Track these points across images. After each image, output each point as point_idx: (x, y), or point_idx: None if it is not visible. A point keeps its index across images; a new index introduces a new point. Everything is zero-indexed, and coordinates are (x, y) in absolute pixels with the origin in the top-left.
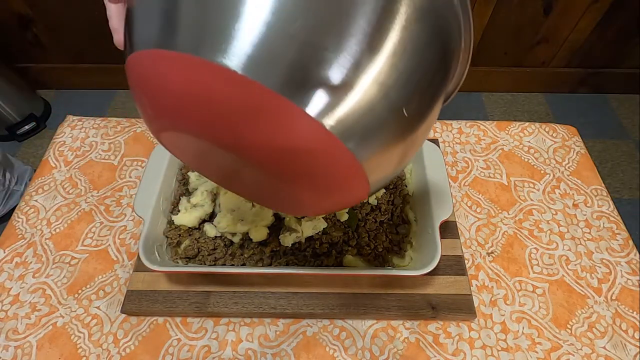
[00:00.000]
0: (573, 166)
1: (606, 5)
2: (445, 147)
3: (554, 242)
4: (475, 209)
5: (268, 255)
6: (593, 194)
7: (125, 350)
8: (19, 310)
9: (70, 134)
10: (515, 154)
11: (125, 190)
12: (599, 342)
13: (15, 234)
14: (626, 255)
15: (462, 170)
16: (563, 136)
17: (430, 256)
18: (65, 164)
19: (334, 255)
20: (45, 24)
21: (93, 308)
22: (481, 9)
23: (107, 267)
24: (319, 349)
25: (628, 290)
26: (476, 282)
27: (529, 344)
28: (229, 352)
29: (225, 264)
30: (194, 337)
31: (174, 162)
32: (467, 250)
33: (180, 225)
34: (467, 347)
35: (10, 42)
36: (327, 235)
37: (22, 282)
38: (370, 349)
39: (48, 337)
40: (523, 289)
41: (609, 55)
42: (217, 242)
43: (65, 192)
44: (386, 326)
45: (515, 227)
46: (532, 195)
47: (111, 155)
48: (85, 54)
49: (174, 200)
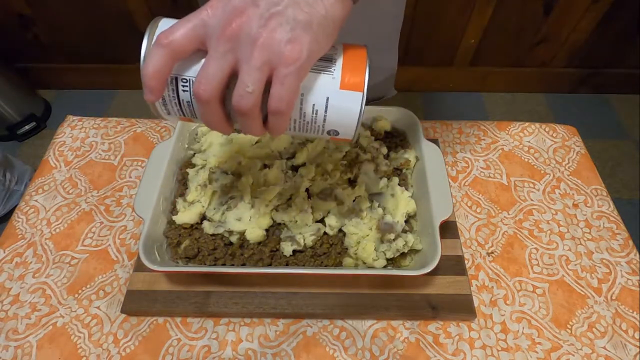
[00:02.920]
0: (573, 166)
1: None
2: (445, 147)
3: (554, 242)
4: (475, 209)
5: (268, 255)
6: (593, 194)
7: (125, 350)
8: (19, 310)
9: (70, 134)
10: (515, 154)
11: (125, 190)
12: (599, 342)
13: (15, 234)
14: (626, 255)
15: (462, 170)
16: (563, 136)
17: (430, 256)
18: (65, 164)
19: (334, 255)
20: (45, 24)
21: (93, 308)
22: (481, 9)
23: (107, 267)
24: (319, 349)
25: (628, 290)
26: (476, 282)
27: (529, 344)
28: (229, 352)
29: (225, 264)
30: (194, 337)
31: (174, 162)
32: (467, 250)
33: (182, 224)
34: (467, 347)
35: (10, 42)
36: (327, 236)
37: (22, 282)
38: (370, 349)
39: (48, 337)
40: (523, 289)
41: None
42: (217, 242)
43: (65, 192)
44: (386, 326)
45: (515, 227)
46: (532, 195)
47: (111, 155)
48: (85, 54)
49: (174, 200)
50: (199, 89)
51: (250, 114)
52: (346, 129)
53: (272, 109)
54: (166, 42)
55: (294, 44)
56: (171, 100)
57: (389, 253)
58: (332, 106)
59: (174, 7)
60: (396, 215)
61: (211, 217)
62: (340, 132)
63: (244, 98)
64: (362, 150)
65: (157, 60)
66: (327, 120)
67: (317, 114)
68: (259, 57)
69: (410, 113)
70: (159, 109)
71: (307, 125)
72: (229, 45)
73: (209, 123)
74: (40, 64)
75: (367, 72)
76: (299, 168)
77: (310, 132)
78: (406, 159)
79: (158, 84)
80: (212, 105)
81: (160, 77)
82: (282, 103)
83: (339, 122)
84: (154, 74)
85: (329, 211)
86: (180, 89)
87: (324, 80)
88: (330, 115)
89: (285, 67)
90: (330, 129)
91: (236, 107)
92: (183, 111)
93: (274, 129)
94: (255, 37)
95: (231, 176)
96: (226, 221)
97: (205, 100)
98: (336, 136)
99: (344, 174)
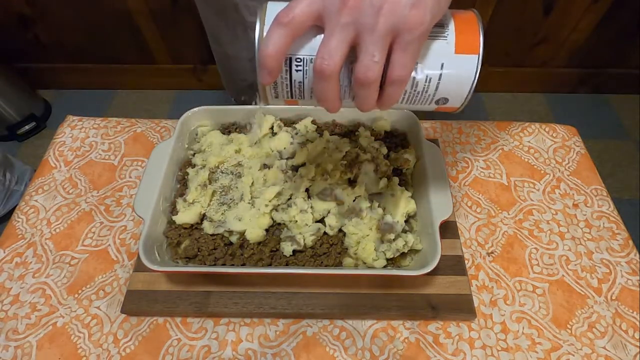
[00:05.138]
0: (573, 166)
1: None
2: (445, 147)
3: (554, 242)
4: (475, 209)
5: (268, 255)
6: (593, 194)
7: (125, 350)
8: (19, 310)
9: (70, 134)
10: (515, 154)
11: (125, 190)
12: (599, 342)
13: (15, 234)
14: (626, 255)
15: (462, 170)
16: (563, 136)
17: (430, 256)
18: (65, 164)
19: (334, 255)
20: (45, 24)
21: (93, 308)
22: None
23: (107, 267)
24: (319, 349)
25: (628, 290)
26: (476, 282)
27: (529, 344)
28: (229, 352)
29: (225, 264)
30: (194, 337)
31: (174, 162)
32: (467, 250)
33: (182, 224)
34: (467, 347)
35: (10, 42)
36: (327, 236)
37: (22, 282)
38: (370, 349)
39: (48, 337)
40: (523, 289)
41: (609, 55)
42: (217, 242)
43: (65, 192)
44: (386, 326)
45: (515, 227)
46: (532, 195)
47: (111, 155)
48: (85, 54)
49: (174, 200)
50: (322, 64)
51: (374, 85)
52: (457, 95)
53: (394, 78)
54: (287, 21)
55: (418, 8)
56: (282, 82)
57: (389, 253)
58: (447, 72)
59: (174, 7)
60: (396, 215)
61: (211, 217)
62: (449, 100)
63: (370, 68)
64: (362, 150)
65: (278, 39)
66: (440, 88)
67: (430, 81)
68: (384, 24)
69: (410, 113)
70: (268, 93)
71: (417, 96)
72: (350, 17)
73: (325, 100)
74: (40, 64)
75: (481, 33)
76: (299, 168)
77: (417, 103)
78: (406, 159)
79: (277, 64)
80: (333, 80)
81: (280, 57)
82: (404, 71)
83: (451, 89)
84: (275, 54)
85: (329, 211)
86: (294, 69)
87: (438, 46)
88: (443, 82)
89: (409, 33)
90: (441, 97)
91: (362, 78)
92: (292, 93)
93: (388, 100)
94: (379, 5)
95: (231, 176)
96: (226, 221)
97: (329, 75)
98: (444, 105)
99: (344, 174)
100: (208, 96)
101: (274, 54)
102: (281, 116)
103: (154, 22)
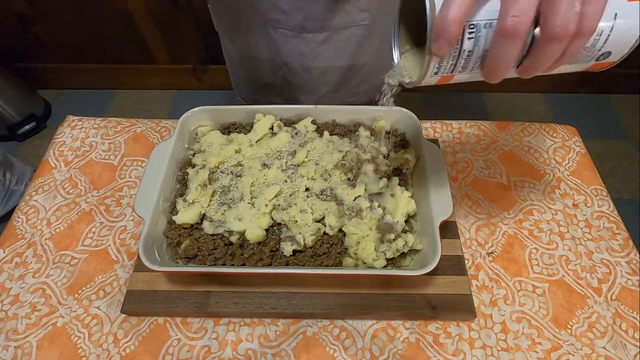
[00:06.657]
0: (573, 166)
1: None
2: (445, 147)
3: (554, 242)
4: (475, 209)
5: (268, 255)
6: (593, 194)
7: (125, 350)
8: (19, 310)
9: (70, 134)
10: (515, 154)
11: (125, 190)
12: (599, 342)
13: (15, 234)
14: (626, 255)
15: (462, 170)
16: (563, 136)
17: (430, 256)
18: (65, 164)
19: (334, 255)
20: (45, 24)
21: (93, 308)
22: None
23: (107, 267)
24: (319, 349)
25: (628, 290)
26: (476, 282)
27: (529, 344)
28: (229, 352)
29: (225, 264)
30: (194, 337)
31: (174, 162)
32: (467, 250)
33: (182, 224)
34: (467, 347)
35: (10, 42)
36: (327, 236)
37: (22, 282)
38: (370, 349)
39: (48, 337)
40: (523, 289)
41: None
42: (217, 242)
43: (65, 192)
44: (386, 326)
45: (515, 227)
46: (532, 195)
47: (111, 155)
48: (85, 54)
49: (174, 200)
50: (515, 23)
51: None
52: (622, 47)
53: (586, 30)
54: None
55: None
56: (450, 54)
57: (389, 253)
58: (619, 22)
59: (174, 7)
60: (396, 215)
61: (211, 217)
62: (612, 54)
63: (570, 21)
64: (362, 150)
65: (461, 2)
66: (608, 41)
67: (602, 34)
68: None
69: (410, 113)
70: (430, 67)
71: (583, 52)
72: None
73: (502, 64)
74: (40, 64)
75: None
76: (299, 168)
77: (579, 62)
78: (406, 159)
79: (458, 31)
80: (521, 40)
81: (462, 22)
82: (594, 22)
83: (618, 41)
84: (460, 19)
85: (329, 211)
86: (466, 37)
87: None
88: (614, 33)
89: None
90: (605, 52)
91: (561, 32)
92: (456, 65)
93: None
94: None
95: (231, 176)
96: (226, 221)
97: (520, 35)
98: (604, 60)
99: (344, 174)
100: (208, 96)
101: (459, 19)
102: (281, 116)
103: (154, 22)
